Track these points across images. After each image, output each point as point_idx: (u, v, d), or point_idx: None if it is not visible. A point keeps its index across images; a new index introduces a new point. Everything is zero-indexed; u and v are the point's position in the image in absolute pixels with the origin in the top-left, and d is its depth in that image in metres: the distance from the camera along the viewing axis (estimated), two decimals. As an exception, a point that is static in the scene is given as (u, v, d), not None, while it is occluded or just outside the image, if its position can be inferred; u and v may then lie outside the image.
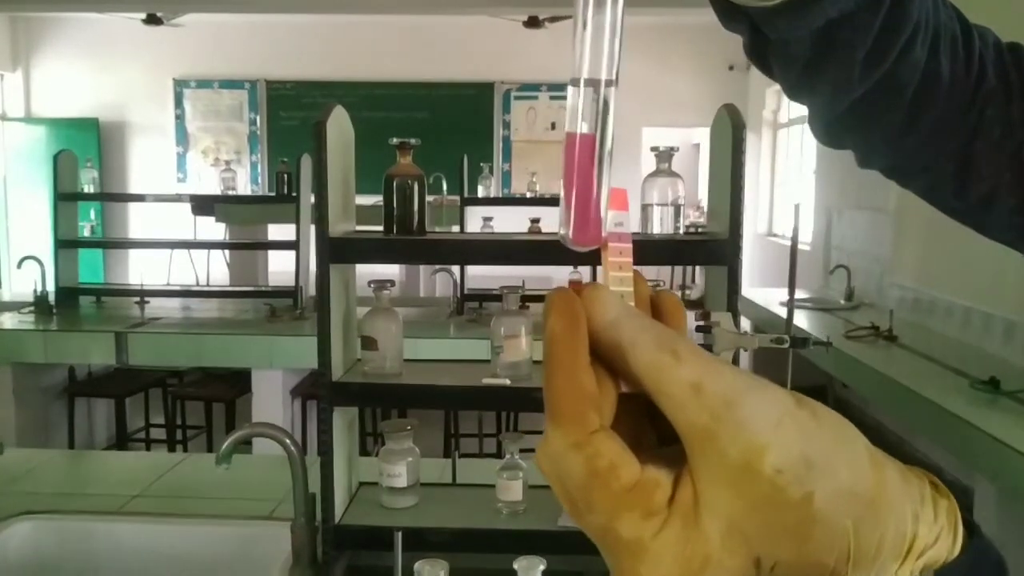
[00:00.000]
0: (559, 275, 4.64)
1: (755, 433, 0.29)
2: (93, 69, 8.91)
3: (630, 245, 0.34)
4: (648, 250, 1.47)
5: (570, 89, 0.34)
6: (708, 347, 1.13)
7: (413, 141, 1.51)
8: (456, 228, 4.65)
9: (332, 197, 1.40)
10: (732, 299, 1.27)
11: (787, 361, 1.12)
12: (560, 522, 1.46)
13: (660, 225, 1.41)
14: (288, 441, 1.47)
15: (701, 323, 1.16)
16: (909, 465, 0.33)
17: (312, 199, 1.65)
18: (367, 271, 1.72)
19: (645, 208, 1.43)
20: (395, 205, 1.47)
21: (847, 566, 0.30)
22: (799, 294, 5.53)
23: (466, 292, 4.28)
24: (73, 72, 8.93)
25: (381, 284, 1.52)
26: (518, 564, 1.19)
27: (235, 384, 4.02)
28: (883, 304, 4.82)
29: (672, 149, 1.42)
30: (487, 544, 1.40)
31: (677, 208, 1.42)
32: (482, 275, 4.43)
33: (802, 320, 4.81)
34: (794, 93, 0.66)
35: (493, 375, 1.45)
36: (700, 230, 1.59)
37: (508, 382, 1.43)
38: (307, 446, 3.73)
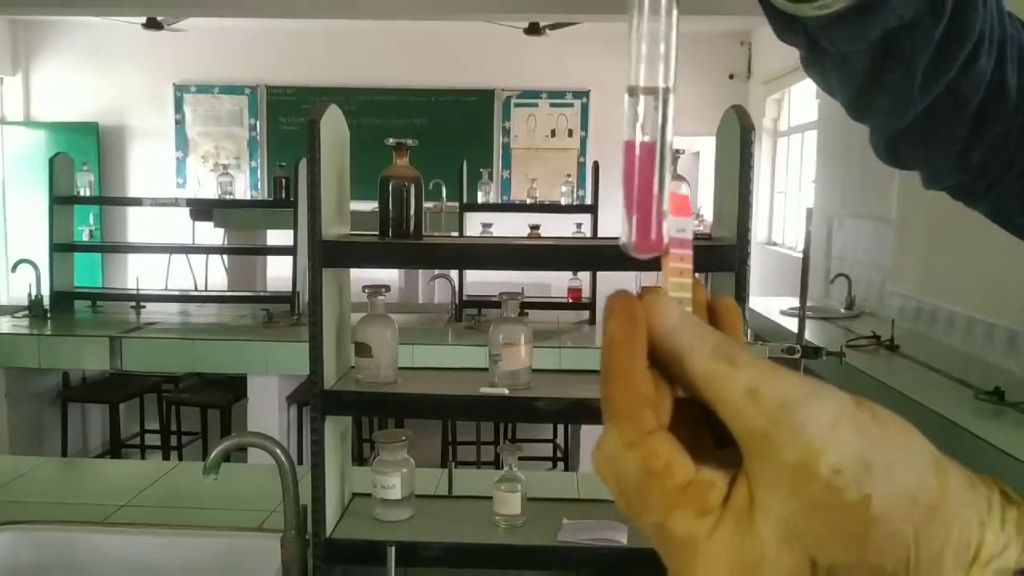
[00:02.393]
0: (559, 282, 4.59)
1: (812, 435, 0.29)
2: (93, 73, 8.88)
3: (691, 251, 0.35)
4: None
5: (627, 99, 0.34)
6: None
7: (410, 142, 1.47)
8: (455, 234, 4.61)
9: (326, 198, 1.36)
10: (740, 307, 1.23)
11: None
12: (559, 536, 1.42)
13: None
14: (278, 451, 1.43)
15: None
16: (978, 473, 0.32)
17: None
18: (363, 276, 1.68)
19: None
20: (391, 207, 1.43)
21: (907, 572, 0.29)
22: (798, 303, 5.48)
23: (465, 298, 4.24)
24: (73, 76, 8.91)
25: (376, 289, 1.47)
26: (515, 582, 1.15)
27: (231, 390, 3.97)
28: (884, 313, 4.78)
29: (678, 151, 1.37)
30: (483, 559, 1.35)
31: (681, 213, 1.37)
32: (481, 281, 4.39)
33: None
34: (854, 109, 0.64)
35: (491, 384, 1.41)
36: (701, 237, 1.54)
37: (507, 392, 1.38)
38: (302, 454, 3.68)
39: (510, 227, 3.65)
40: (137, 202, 5.56)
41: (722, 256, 1.31)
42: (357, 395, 1.40)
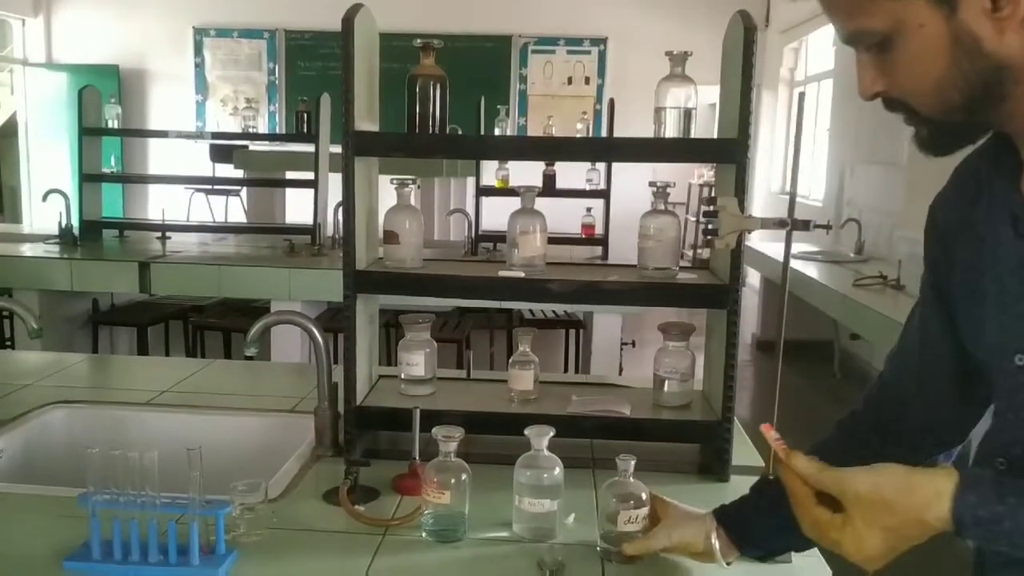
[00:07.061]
0: (573, 219, 4.68)
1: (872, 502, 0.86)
2: (114, 16, 8.94)
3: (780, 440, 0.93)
4: (660, 149, 1.54)
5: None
6: (715, 230, 1.20)
7: (436, 42, 1.56)
8: (471, 179, 4.70)
9: (357, 94, 1.46)
10: (739, 188, 1.33)
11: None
12: (569, 409, 1.54)
13: (672, 128, 1.47)
14: (312, 327, 1.56)
15: (710, 208, 1.23)
16: None
17: (329, 149, 1.72)
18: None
19: (658, 111, 1.48)
20: (418, 104, 1.53)
21: None
22: (808, 247, 5.57)
23: (480, 233, 4.35)
24: (94, 18, 8.97)
25: (403, 181, 1.58)
26: (529, 431, 1.27)
27: (255, 316, 4.09)
28: (892, 258, 4.86)
29: (687, 53, 1.47)
30: (500, 426, 1.48)
31: (688, 111, 1.48)
32: (496, 218, 4.49)
33: (812, 271, 4.86)
34: None
35: (509, 269, 1.53)
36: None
37: (523, 274, 1.50)
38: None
39: (525, 171, 3.72)
40: (163, 134, 5.68)
41: (724, 148, 1.42)
42: (385, 275, 1.52)
